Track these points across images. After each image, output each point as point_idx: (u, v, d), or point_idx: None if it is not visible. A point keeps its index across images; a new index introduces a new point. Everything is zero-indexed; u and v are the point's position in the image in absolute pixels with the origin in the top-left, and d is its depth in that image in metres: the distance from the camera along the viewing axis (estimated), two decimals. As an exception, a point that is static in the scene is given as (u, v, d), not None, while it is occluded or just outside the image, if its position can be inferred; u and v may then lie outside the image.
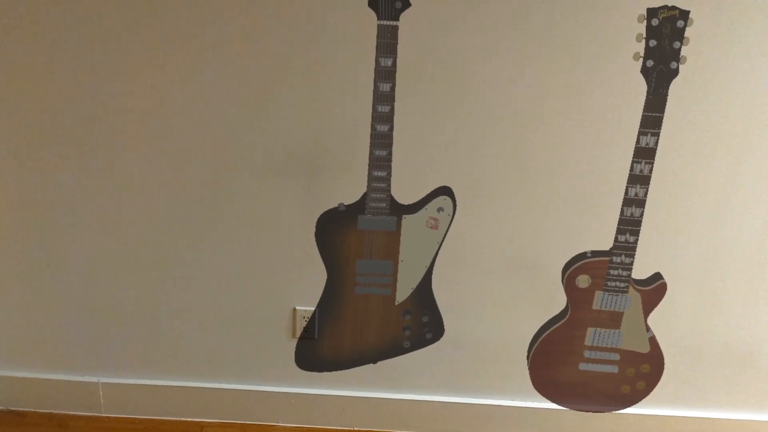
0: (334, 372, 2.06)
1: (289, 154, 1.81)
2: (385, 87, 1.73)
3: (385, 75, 1.72)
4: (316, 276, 1.94)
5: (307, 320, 1.98)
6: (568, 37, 1.70)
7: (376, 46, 1.70)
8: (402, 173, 1.83)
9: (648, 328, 1.97)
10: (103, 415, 2.10)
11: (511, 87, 1.74)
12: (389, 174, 1.81)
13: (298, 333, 2.00)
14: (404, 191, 1.85)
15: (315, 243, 1.90)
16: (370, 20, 1.69)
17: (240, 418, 2.11)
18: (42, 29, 1.71)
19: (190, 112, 1.78)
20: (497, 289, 1.95)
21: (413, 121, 1.78)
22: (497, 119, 1.77)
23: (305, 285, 1.95)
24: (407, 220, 1.87)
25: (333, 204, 1.86)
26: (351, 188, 1.84)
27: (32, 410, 2.10)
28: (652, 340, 1.98)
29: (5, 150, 1.82)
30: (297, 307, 1.98)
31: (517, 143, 1.79)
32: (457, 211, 1.86)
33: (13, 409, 2.10)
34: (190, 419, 2.10)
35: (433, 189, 1.85)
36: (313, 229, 1.88)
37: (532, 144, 1.79)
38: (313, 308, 1.98)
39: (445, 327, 2.00)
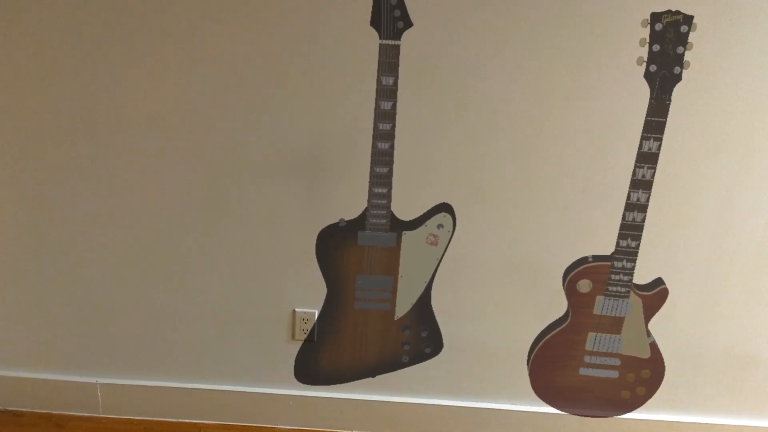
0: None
1: (292, 161, 1.81)
2: (387, 105, 1.74)
3: (387, 93, 1.73)
4: (316, 279, 1.94)
5: (307, 322, 1.97)
6: (571, 42, 1.69)
7: (378, 65, 1.71)
8: (402, 190, 1.83)
9: (649, 334, 1.96)
10: (101, 415, 2.09)
11: (514, 91, 1.74)
12: (390, 191, 1.82)
13: (298, 335, 1.99)
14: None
15: (315, 251, 1.90)
16: (372, 39, 1.69)
17: (238, 420, 2.10)
18: (42, 31, 1.70)
19: (193, 116, 1.77)
20: (498, 292, 1.94)
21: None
22: (499, 122, 1.77)
23: (305, 287, 1.95)
24: (407, 236, 1.87)
25: (334, 218, 1.86)
26: (352, 203, 1.85)
27: (30, 410, 2.09)
28: (653, 346, 1.98)
29: (5, 152, 1.82)
30: (296, 310, 1.97)
31: (519, 148, 1.79)
32: (458, 215, 1.86)
33: (11, 409, 2.09)
34: (188, 420, 2.10)
35: (433, 206, 1.85)
36: (313, 234, 1.88)
37: (534, 148, 1.79)
38: (312, 310, 1.97)
39: (446, 330, 1.99)
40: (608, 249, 1.87)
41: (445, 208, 1.86)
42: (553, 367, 2.01)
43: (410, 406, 2.07)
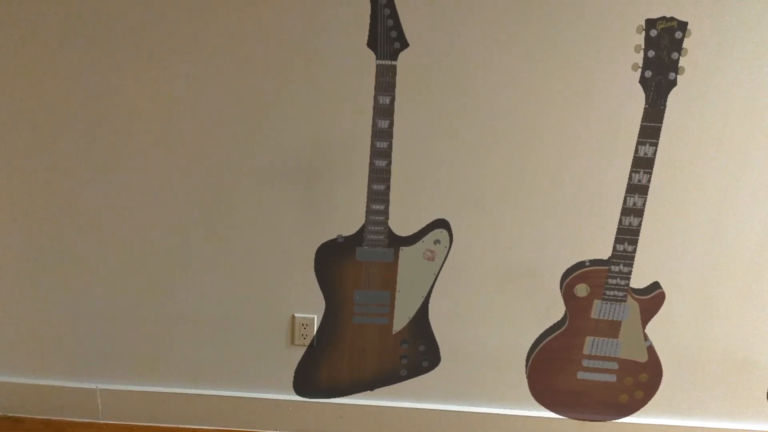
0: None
1: (292, 169, 1.82)
2: (384, 124, 1.76)
3: (384, 112, 1.75)
4: (315, 284, 1.94)
5: (306, 327, 1.98)
6: (566, 49, 1.71)
7: (375, 85, 1.73)
8: (400, 205, 1.85)
9: (646, 337, 1.97)
10: (101, 421, 2.10)
11: (509, 99, 1.75)
12: (387, 207, 1.84)
13: (297, 340, 2.00)
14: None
15: (313, 266, 1.92)
16: (369, 59, 1.72)
17: (238, 426, 2.10)
18: (45, 33, 1.72)
19: (195, 123, 1.79)
20: (496, 297, 1.95)
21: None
22: (496, 130, 1.78)
23: (304, 292, 1.95)
24: (404, 251, 1.89)
25: (333, 227, 1.88)
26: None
27: (29, 416, 2.10)
28: (651, 349, 1.99)
29: (7, 156, 1.83)
30: (296, 315, 1.98)
31: (516, 154, 1.80)
32: (456, 222, 1.87)
33: (11, 415, 2.10)
34: (187, 426, 2.10)
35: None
36: (313, 239, 1.89)
37: (531, 154, 1.80)
38: (312, 315, 1.98)
39: (445, 335, 2.00)
40: (605, 253, 1.89)
41: (441, 224, 1.88)
42: (552, 371, 2.02)
43: (410, 411, 2.08)
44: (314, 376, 2.04)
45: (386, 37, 1.69)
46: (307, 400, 2.07)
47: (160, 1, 1.68)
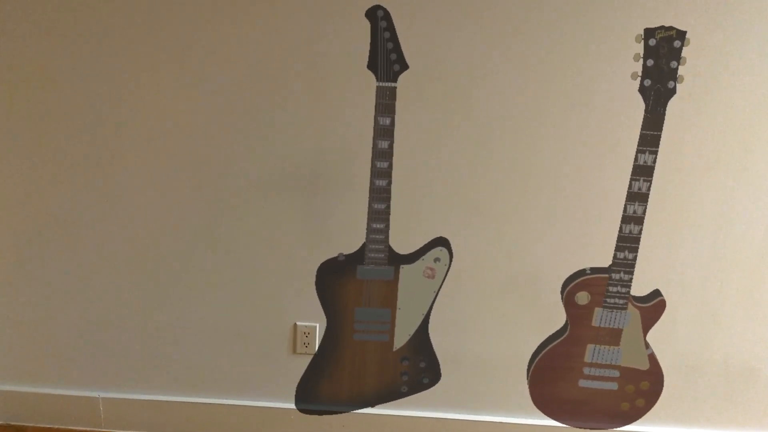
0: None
1: (294, 180, 1.83)
2: (384, 144, 1.78)
3: (384, 133, 1.77)
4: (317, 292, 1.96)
5: (308, 335, 1.99)
6: (566, 58, 1.72)
7: (375, 106, 1.75)
8: (400, 223, 1.86)
9: (647, 345, 1.97)
10: (103, 430, 2.10)
11: (510, 107, 1.76)
12: (387, 226, 1.85)
13: (299, 349, 2.00)
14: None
15: (314, 284, 1.93)
16: (369, 81, 1.74)
17: (240, 434, 2.11)
18: (46, 37, 1.73)
19: (200, 132, 1.80)
20: (497, 305, 1.96)
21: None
22: (496, 138, 1.79)
23: (306, 301, 1.96)
24: (405, 269, 1.90)
25: (334, 238, 1.89)
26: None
27: (32, 425, 2.10)
28: (652, 357, 1.99)
29: (7, 165, 1.84)
30: (298, 323, 1.99)
31: (517, 162, 1.81)
32: (457, 232, 1.88)
33: (13, 423, 2.10)
34: (189, 435, 2.11)
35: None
36: (314, 247, 1.90)
37: (531, 162, 1.81)
38: (314, 324, 1.98)
39: (446, 343, 2.00)
40: (606, 261, 1.89)
41: (441, 242, 1.89)
42: (553, 379, 2.02)
43: (411, 420, 2.08)
44: (315, 393, 2.05)
45: (386, 59, 1.71)
46: (309, 407, 2.07)
47: (165, 13, 1.70)
